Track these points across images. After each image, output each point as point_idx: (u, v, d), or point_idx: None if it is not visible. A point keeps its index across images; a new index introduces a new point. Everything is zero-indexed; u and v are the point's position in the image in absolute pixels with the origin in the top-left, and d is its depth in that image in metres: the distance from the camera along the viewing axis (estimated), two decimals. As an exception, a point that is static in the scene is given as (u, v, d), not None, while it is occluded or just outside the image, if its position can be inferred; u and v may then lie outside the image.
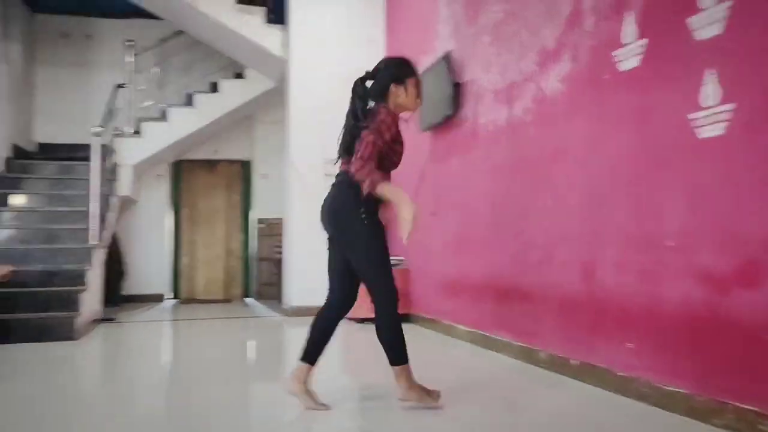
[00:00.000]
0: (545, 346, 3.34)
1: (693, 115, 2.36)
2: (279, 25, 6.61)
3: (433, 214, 4.94)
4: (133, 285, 7.97)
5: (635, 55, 2.69)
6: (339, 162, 2.65)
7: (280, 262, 7.33)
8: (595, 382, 2.88)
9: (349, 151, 2.56)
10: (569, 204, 3.17)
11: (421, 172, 5.15)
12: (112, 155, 6.84)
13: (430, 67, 4.79)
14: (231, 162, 8.77)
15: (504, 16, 3.89)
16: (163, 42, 7.83)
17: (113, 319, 5.90)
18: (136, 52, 7.15)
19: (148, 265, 8.22)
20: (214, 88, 7.71)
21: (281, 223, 7.58)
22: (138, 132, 7.23)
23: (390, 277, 2.53)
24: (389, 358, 2.53)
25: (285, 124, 6.68)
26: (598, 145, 2.95)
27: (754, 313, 2.10)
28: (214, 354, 4.29)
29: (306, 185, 6.06)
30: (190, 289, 8.62)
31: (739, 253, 2.16)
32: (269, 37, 6.56)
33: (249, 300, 8.46)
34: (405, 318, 5.37)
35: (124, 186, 7.04)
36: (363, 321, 5.18)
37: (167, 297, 8.45)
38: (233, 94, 7.64)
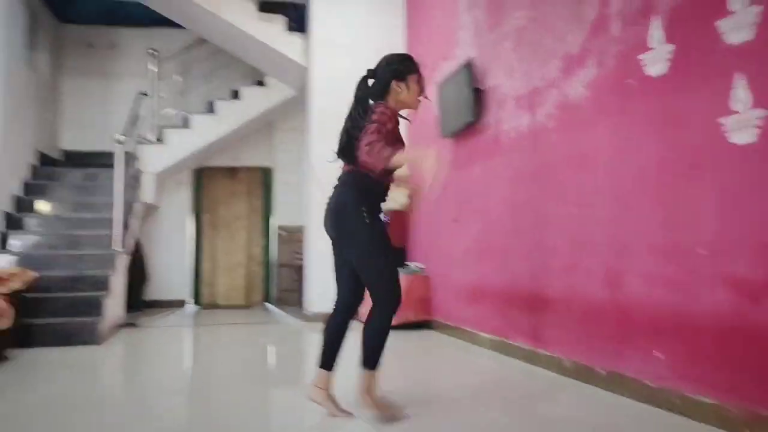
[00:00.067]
0: (570, 354, 3.29)
1: (723, 119, 2.31)
2: (300, 33, 6.66)
3: (454, 220, 4.91)
4: (154, 290, 8.04)
5: (663, 59, 2.65)
6: (339, 162, 2.63)
7: (301, 269, 7.34)
8: (623, 392, 2.83)
9: (345, 153, 2.54)
10: (594, 211, 3.12)
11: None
12: (135, 162, 6.92)
13: (452, 73, 4.77)
14: (251, 169, 8.82)
15: (527, 22, 3.87)
16: (186, 51, 7.93)
17: (135, 324, 5.95)
18: (158, 61, 7.25)
19: (170, 271, 8.30)
20: (236, 95, 7.78)
21: (302, 229, 7.60)
22: (161, 139, 7.32)
23: (393, 280, 2.47)
24: (363, 359, 2.47)
25: (305, 131, 6.71)
26: (625, 150, 2.90)
27: (788, 322, 2.04)
28: (236, 359, 4.30)
29: (326, 192, 6.01)
30: (211, 295, 8.67)
31: (773, 261, 2.11)
32: (290, 44, 6.61)
33: (269, 306, 8.48)
34: (426, 325, 5.34)
35: (147, 193, 7.11)
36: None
37: (188, 303, 8.51)
38: (254, 102, 7.71)
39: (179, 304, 8.33)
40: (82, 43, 8.24)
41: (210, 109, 7.68)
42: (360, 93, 2.59)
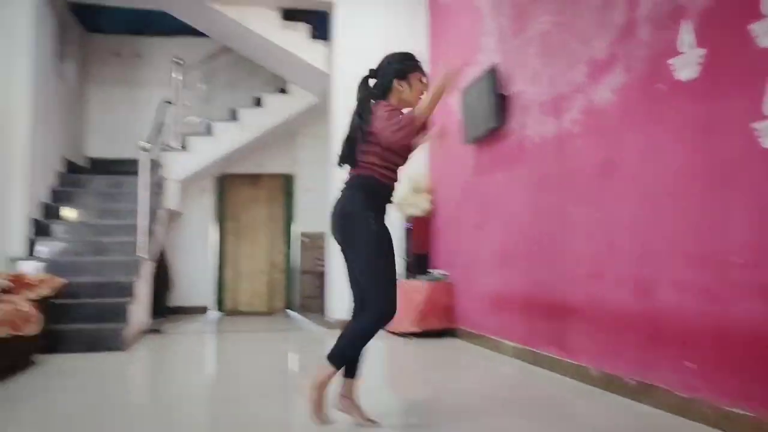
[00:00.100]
0: (597, 363, 3.23)
1: (757, 124, 2.26)
2: (323, 41, 6.69)
3: (477, 227, 4.88)
4: (178, 297, 8.10)
5: (693, 63, 2.60)
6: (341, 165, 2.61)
7: (323, 275, 7.35)
8: (652, 402, 2.76)
9: (347, 159, 2.53)
10: (621, 218, 3.07)
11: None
12: (159, 170, 6.99)
13: (475, 79, 4.75)
14: (274, 176, 8.87)
15: (551, 27, 3.83)
16: (209, 59, 8.01)
17: (160, 330, 5.99)
18: (183, 70, 7.33)
19: (193, 277, 8.36)
20: (258, 103, 7.84)
21: (323, 236, 7.61)
22: (184, 147, 7.39)
23: (389, 288, 2.41)
24: (331, 352, 2.43)
25: (327, 138, 6.73)
26: (655, 156, 2.85)
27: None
28: (259, 366, 4.31)
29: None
30: (233, 302, 8.71)
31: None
32: (313, 52, 6.65)
33: (292, 313, 8.50)
34: (451, 332, 5.30)
35: (171, 200, 7.18)
36: (407, 335, 5.14)
37: (211, 309, 8.55)
38: (277, 109, 7.77)
39: (202, 310, 8.39)
40: (109, 52, 8.37)
41: (233, 116, 7.75)
42: (361, 94, 2.56)
